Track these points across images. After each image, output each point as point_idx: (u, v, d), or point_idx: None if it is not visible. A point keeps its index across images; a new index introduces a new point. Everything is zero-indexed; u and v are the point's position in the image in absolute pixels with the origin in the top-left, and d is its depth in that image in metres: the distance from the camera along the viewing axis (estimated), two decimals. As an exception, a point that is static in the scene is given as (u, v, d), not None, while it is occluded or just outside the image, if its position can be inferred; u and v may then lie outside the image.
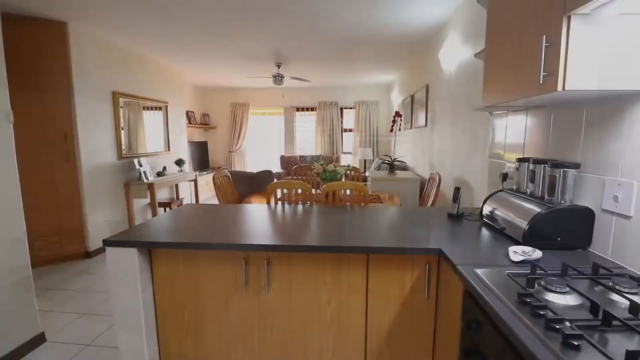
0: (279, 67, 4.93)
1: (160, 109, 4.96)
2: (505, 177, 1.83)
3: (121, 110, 4.09)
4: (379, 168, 4.98)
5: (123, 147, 4.08)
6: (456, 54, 2.85)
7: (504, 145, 1.94)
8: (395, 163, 4.02)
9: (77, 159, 3.43)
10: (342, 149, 7.36)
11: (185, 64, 5.08)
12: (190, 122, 6.70)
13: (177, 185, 5.25)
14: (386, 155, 4.21)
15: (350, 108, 7.30)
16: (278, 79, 4.93)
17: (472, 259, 1.17)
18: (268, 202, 2.41)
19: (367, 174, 4.16)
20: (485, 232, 1.52)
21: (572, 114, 1.36)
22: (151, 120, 4.77)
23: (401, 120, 3.91)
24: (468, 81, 2.57)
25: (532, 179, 1.46)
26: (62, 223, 3.41)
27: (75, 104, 3.36)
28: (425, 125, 3.80)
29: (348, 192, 2.77)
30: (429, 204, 2.74)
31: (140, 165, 4.15)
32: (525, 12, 1.20)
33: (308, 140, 7.56)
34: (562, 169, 1.29)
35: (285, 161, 7.12)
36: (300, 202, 2.47)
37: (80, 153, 3.44)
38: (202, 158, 7.09)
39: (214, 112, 7.66)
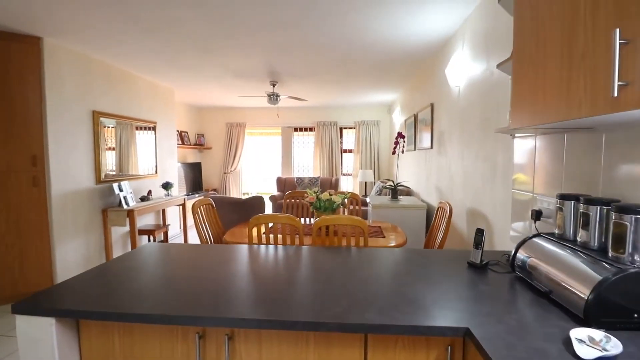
0: (274, 86, 4.68)
1: (148, 129, 4.68)
2: (538, 215, 1.48)
3: (108, 131, 3.87)
4: (380, 193, 4.63)
5: (103, 170, 3.76)
6: (466, 68, 2.56)
7: (533, 174, 1.60)
8: (399, 188, 3.67)
9: (46, 184, 3.10)
10: (341, 170, 7.04)
11: (175, 83, 4.85)
12: (183, 143, 6.44)
13: (164, 211, 4.90)
14: (388, 180, 3.86)
15: (350, 128, 7.04)
16: (273, 98, 4.67)
17: (517, 350, 0.79)
18: (249, 241, 2.05)
19: (367, 199, 3.80)
20: (522, 293, 1.14)
21: (635, 136, 1.02)
22: (137, 141, 4.48)
23: (404, 141, 3.59)
24: (482, 98, 2.26)
25: (585, 225, 1.10)
26: (26, 256, 3.04)
27: (47, 124, 3.06)
28: (431, 147, 3.48)
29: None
30: (439, 239, 2.37)
31: (121, 190, 3.82)
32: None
33: (306, 162, 7.25)
34: (633, 216, 0.93)
35: (282, 183, 6.79)
36: (288, 239, 2.11)
37: (51, 177, 3.11)
38: (195, 180, 6.77)
39: (209, 132, 7.41)
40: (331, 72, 4.19)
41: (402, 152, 3.57)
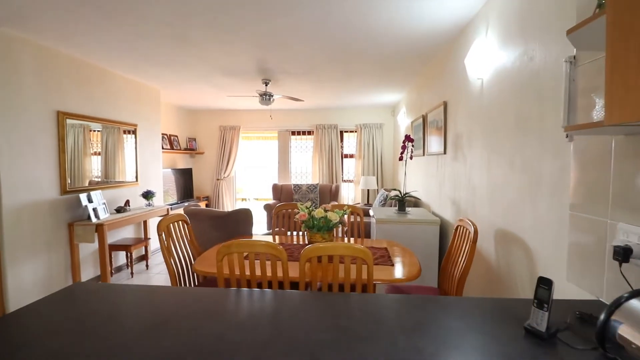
0: (266, 85, 4.23)
1: (127, 132, 4.24)
2: (626, 254, 1.00)
3: (93, 135, 3.60)
4: (384, 202, 4.15)
5: (69, 179, 3.30)
6: (491, 57, 2.10)
7: (609, 191, 1.12)
8: (407, 198, 3.20)
9: (-6, 196, 2.65)
10: (342, 176, 6.56)
11: (160, 82, 4.41)
12: (172, 148, 6.00)
13: (145, 223, 4.43)
14: (394, 189, 3.39)
15: (351, 131, 6.58)
16: (266, 98, 4.22)
17: None
18: (218, 276, 1.58)
19: (371, 212, 3.32)
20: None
21: None
22: (114, 146, 4.04)
23: (412, 146, 3.12)
24: (517, 91, 1.79)
25: None
26: (-32, 281, 2.58)
27: (-4, 125, 2.62)
28: (444, 152, 3.00)
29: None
30: (459, 265, 1.89)
31: (90, 201, 3.35)
32: None
33: (304, 167, 6.79)
34: None
35: (278, 191, 6.32)
36: (269, 268, 1.63)
37: (2, 188, 2.66)
38: (186, 187, 6.31)
39: (201, 136, 6.97)
40: (329, 69, 3.74)
41: (411, 157, 3.10)
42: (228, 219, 2.95)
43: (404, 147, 3.11)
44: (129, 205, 4.03)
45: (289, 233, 2.99)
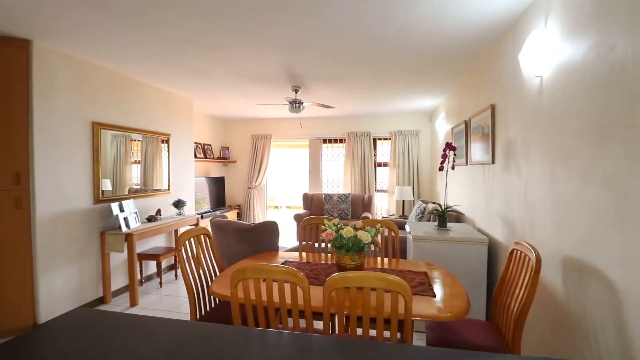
0: (296, 92, 4.10)
1: (161, 142, 4.30)
2: None
3: (134, 144, 3.80)
4: (421, 216, 3.82)
5: (102, 188, 3.36)
6: (553, 51, 1.77)
7: None
8: (449, 212, 2.87)
9: (30, 205, 2.71)
10: (375, 186, 6.26)
11: (192, 92, 4.44)
12: (206, 156, 6.07)
13: (176, 232, 4.44)
14: (433, 202, 3.08)
15: (385, 139, 6.29)
16: (295, 105, 4.09)
17: None
18: (233, 303, 1.40)
19: (407, 227, 3.03)
20: None
21: None
22: (152, 155, 4.13)
23: (454, 154, 2.80)
24: (593, 90, 1.46)
25: None
26: (4, 290, 2.64)
27: (34, 136, 2.69)
28: (492, 161, 2.65)
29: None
30: (516, 298, 1.56)
31: (122, 210, 3.38)
32: None
33: (336, 176, 6.58)
34: None
35: (308, 200, 6.16)
36: (289, 295, 1.43)
37: (36, 198, 2.72)
38: (219, 195, 6.36)
39: (234, 145, 7.03)
40: (363, 74, 3.53)
41: (452, 167, 2.78)
42: (254, 232, 2.81)
43: (444, 156, 2.80)
44: (160, 214, 4.05)
45: (316, 244, 2.78)
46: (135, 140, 3.86)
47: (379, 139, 6.34)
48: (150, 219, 3.84)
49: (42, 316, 2.78)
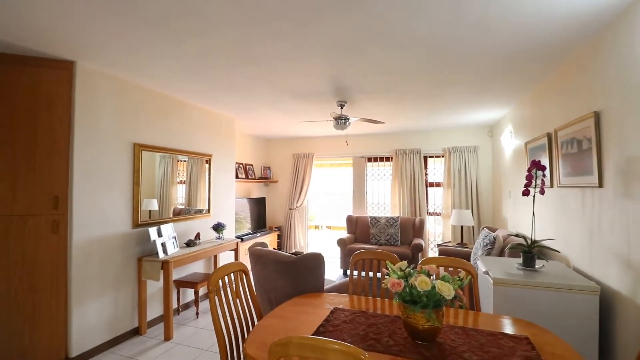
0: (342, 107, 3.78)
1: (205, 162, 4.18)
2: None
3: (180, 165, 3.83)
4: (490, 249, 3.20)
5: (149, 207, 3.27)
6: None
7: None
8: (538, 247, 2.29)
9: (68, 230, 2.60)
10: (427, 208, 5.66)
11: (234, 111, 4.31)
12: (247, 177, 5.93)
13: (215, 257, 4.23)
14: (518, 235, 2.52)
15: (437, 156, 5.71)
16: (341, 122, 3.76)
17: None
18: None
19: (480, 265, 2.48)
20: None
21: None
22: (197, 176, 4.06)
23: (543, 175, 2.24)
24: None
25: None
26: (39, 318, 2.51)
27: (74, 159, 2.60)
28: (600, 184, 2.06)
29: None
30: None
31: (160, 235, 3.21)
32: None
33: (382, 197, 6.08)
34: None
35: (353, 223, 5.71)
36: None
37: (73, 222, 2.60)
38: (260, 217, 6.15)
39: (275, 164, 6.86)
40: (417, 83, 3.11)
41: (542, 192, 2.21)
42: (295, 266, 2.44)
43: (529, 177, 2.25)
44: (199, 238, 3.86)
45: (370, 273, 2.33)
46: (181, 161, 3.85)
47: (430, 157, 5.78)
48: (189, 244, 3.65)
49: (73, 348, 2.60)
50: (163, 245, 3.21)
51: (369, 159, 6.15)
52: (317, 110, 4.15)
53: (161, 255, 3.13)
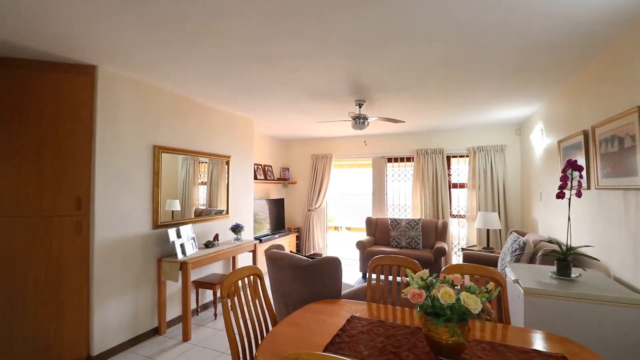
0: (360, 107, 3.68)
1: (225, 164, 4.20)
2: None
3: (202, 166, 3.91)
4: (519, 254, 3.01)
5: (172, 208, 3.36)
6: None
7: None
8: (574, 254, 2.10)
9: (90, 230, 2.66)
10: (450, 210, 5.44)
11: (252, 112, 4.30)
12: (266, 178, 5.93)
13: (234, 258, 4.24)
14: (551, 241, 2.34)
15: (461, 156, 5.48)
16: (359, 122, 3.66)
17: None
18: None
19: (509, 273, 2.32)
20: None
21: None
22: (217, 177, 4.13)
23: (580, 177, 2.06)
24: None
25: None
26: (63, 316, 2.57)
27: (96, 161, 2.66)
28: (645, 186, 1.86)
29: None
30: None
31: (179, 236, 3.24)
32: None
33: (403, 199, 5.91)
34: None
35: (372, 225, 5.58)
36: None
37: (95, 223, 2.66)
38: (278, 218, 6.15)
39: (294, 166, 6.83)
40: (439, 81, 2.97)
41: (579, 194, 2.03)
42: (311, 271, 2.37)
43: (564, 179, 2.07)
44: (217, 239, 3.86)
45: (388, 278, 2.23)
46: (202, 162, 3.92)
47: (453, 157, 5.55)
48: (207, 245, 3.66)
49: (95, 347, 2.65)
50: (182, 246, 3.23)
51: (389, 160, 6.00)
52: (335, 110, 4.07)
53: (180, 256, 3.16)
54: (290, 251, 2.66)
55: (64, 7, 1.80)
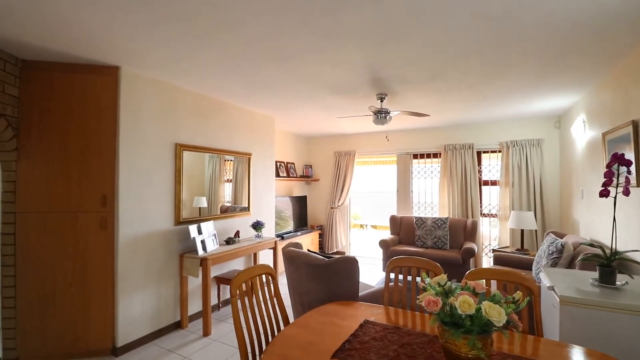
0: (381, 101, 3.54)
1: (243, 162, 4.23)
2: None
3: (228, 164, 4.02)
4: (557, 258, 2.75)
5: (219, 201, 3.63)
6: None
7: None
8: (620, 259, 1.87)
9: (114, 226, 2.74)
10: (480, 209, 5.15)
11: (273, 109, 4.28)
12: (289, 175, 5.92)
13: (255, 255, 4.26)
14: (593, 245, 2.11)
15: (493, 152, 5.16)
16: (381, 116, 3.52)
17: None
18: None
19: (543, 279, 2.12)
20: None
21: None
22: (242, 174, 4.21)
23: (628, 172, 1.82)
24: None
25: None
26: (90, 309, 2.68)
27: (120, 159, 2.74)
28: None
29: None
30: None
31: (200, 233, 3.28)
32: None
33: (429, 197, 5.67)
34: None
35: (397, 224, 5.40)
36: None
37: (120, 219, 2.74)
38: (301, 215, 6.13)
39: (317, 163, 6.77)
40: (467, 70, 2.77)
41: (626, 192, 1.80)
42: (328, 271, 2.29)
43: (609, 174, 1.85)
44: (238, 237, 3.89)
45: (408, 279, 2.11)
46: (227, 160, 4.00)
47: (484, 152, 5.24)
48: (228, 242, 3.69)
49: (119, 339, 2.74)
50: (202, 242, 3.27)
51: (415, 156, 5.78)
52: (356, 105, 3.95)
53: (200, 252, 3.20)
54: (308, 249, 2.60)
55: (89, 12, 1.83)
